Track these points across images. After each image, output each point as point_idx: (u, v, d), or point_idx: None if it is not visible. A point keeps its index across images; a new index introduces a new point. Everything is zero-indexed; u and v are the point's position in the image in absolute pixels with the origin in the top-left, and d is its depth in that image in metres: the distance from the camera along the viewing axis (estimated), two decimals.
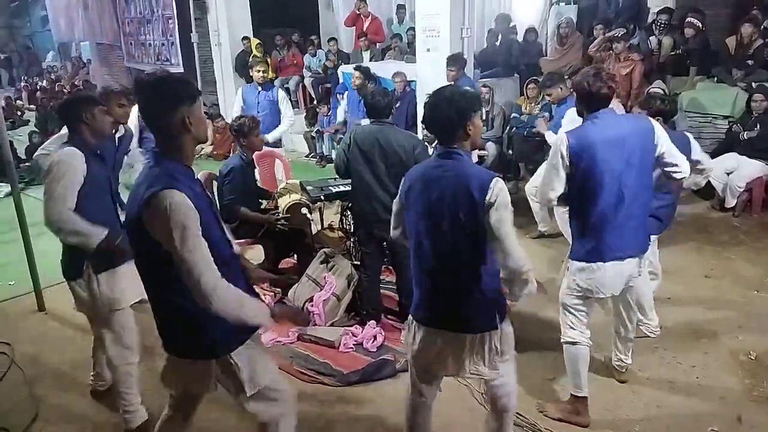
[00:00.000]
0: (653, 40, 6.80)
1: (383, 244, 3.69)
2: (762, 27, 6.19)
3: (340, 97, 8.08)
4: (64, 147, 2.63)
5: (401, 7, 9.59)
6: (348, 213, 4.19)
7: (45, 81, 17.12)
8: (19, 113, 13.83)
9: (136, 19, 12.03)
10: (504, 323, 2.19)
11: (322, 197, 4.31)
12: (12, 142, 5.33)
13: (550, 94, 4.72)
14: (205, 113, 5.25)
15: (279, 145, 5.88)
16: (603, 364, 3.23)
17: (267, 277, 2.77)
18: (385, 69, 7.57)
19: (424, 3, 6.13)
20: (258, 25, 10.14)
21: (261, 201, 4.52)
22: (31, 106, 14.58)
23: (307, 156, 8.89)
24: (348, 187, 3.88)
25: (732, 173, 5.46)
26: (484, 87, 6.50)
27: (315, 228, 4.83)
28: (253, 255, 4.44)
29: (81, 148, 2.62)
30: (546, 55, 7.85)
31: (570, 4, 8.25)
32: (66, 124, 2.77)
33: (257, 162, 4.64)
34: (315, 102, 9.16)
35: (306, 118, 9.02)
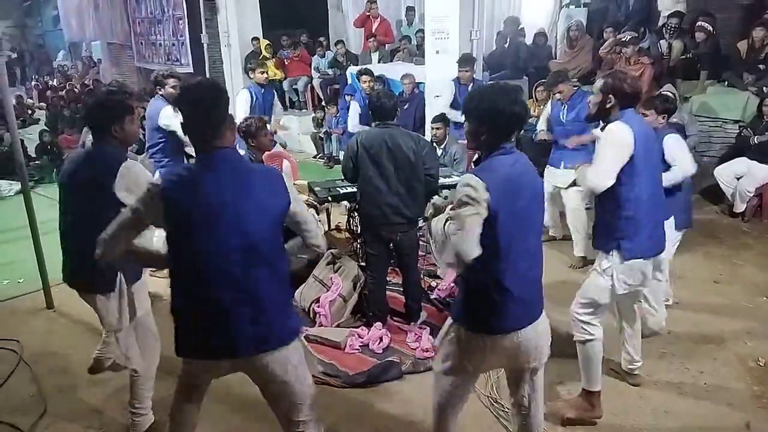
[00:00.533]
0: (663, 43, 6.77)
1: (390, 245, 3.69)
2: None
3: (348, 98, 8.09)
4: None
5: (411, 9, 9.59)
6: (355, 214, 4.19)
7: (56, 80, 17.25)
8: (30, 112, 13.93)
9: (146, 20, 12.08)
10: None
11: (329, 198, 4.31)
12: (23, 140, 5.36)
13: (561, 90, 4.65)
14: None
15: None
16: (611, 369, 3.20)
17: None
18: (394, 71, 7.57)
19: (433, 5, 6.14)
20: (268, 27, 10.18)
21: None
22: (42, 104, 14.67)
23: (315, 157, 8.91)
24: (355, 188, 3.89)
25: (741, 178, 5.44)
26: None
27: (322, 229, 4.83)
28: None
29: None
30: (555, 58, 7.84)
31: (580, 6, 8.23)
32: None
33: (265, 163, 4.64)
34: (323, 103, 9.17)
35: (314, 119, 9.04)
